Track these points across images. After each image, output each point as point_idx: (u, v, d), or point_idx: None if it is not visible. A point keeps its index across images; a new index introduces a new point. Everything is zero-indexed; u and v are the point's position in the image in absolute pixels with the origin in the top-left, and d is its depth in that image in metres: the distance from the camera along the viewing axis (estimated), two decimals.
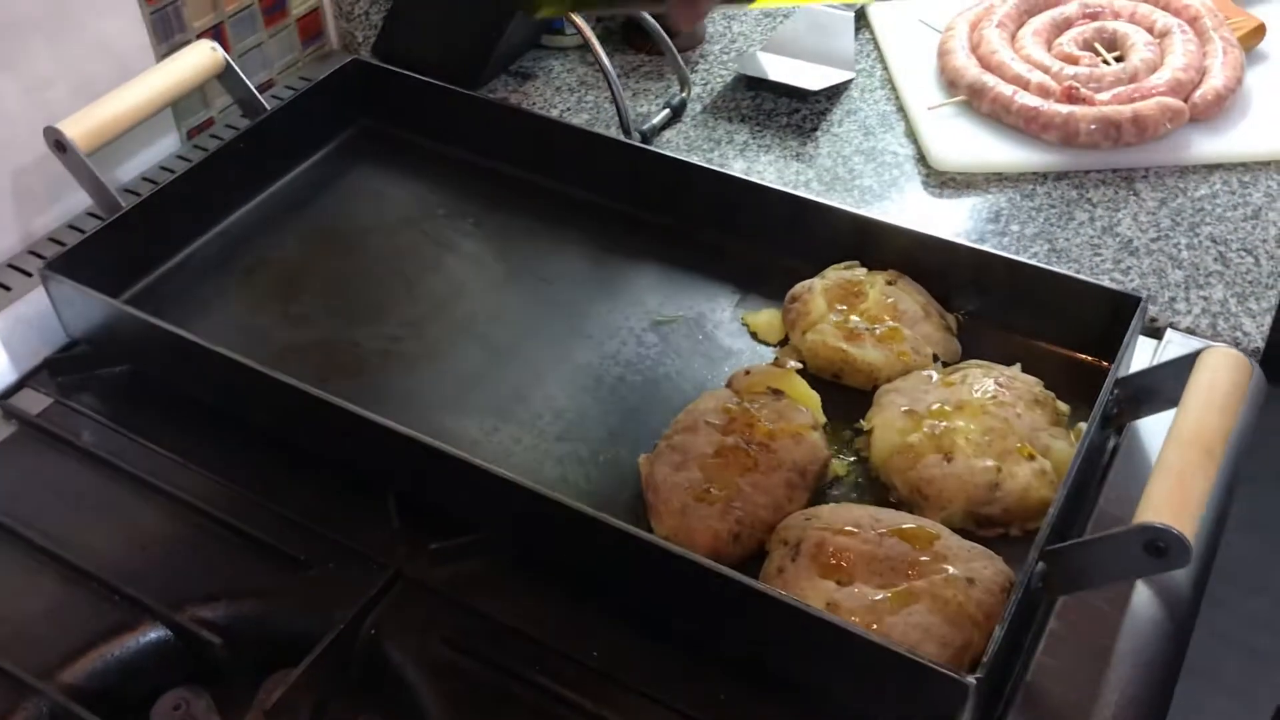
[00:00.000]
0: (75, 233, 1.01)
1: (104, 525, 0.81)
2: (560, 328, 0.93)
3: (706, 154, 1.13)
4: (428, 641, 0.74)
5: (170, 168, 1.09)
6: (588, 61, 1.26)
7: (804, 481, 0.77)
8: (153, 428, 0.87)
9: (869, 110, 1.18)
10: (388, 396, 0.87)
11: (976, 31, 1.19)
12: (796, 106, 1.18)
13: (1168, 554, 0.62)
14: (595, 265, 0.99)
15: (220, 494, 0.82)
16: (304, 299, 0.96)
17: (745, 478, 0.76)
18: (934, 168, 1.10)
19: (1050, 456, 0.78)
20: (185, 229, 0.99)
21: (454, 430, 0.85)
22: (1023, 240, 1.02)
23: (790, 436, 0.78)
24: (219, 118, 1.15)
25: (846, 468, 0.82)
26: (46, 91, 0.97)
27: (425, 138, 1.11)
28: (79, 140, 0.92)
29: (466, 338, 0.92)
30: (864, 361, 0.85)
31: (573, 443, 0.84)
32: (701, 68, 1.25)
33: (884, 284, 0.89)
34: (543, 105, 1.19)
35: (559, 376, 0.89)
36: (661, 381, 0.89)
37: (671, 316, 0.94)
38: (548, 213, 1.04)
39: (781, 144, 1.14)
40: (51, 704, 0.71)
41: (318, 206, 1.05)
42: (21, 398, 0.90)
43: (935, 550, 0.71)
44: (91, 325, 0.90)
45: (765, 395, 0.81)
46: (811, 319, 0.88)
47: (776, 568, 0.72)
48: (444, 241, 1.01)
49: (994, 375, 0.82)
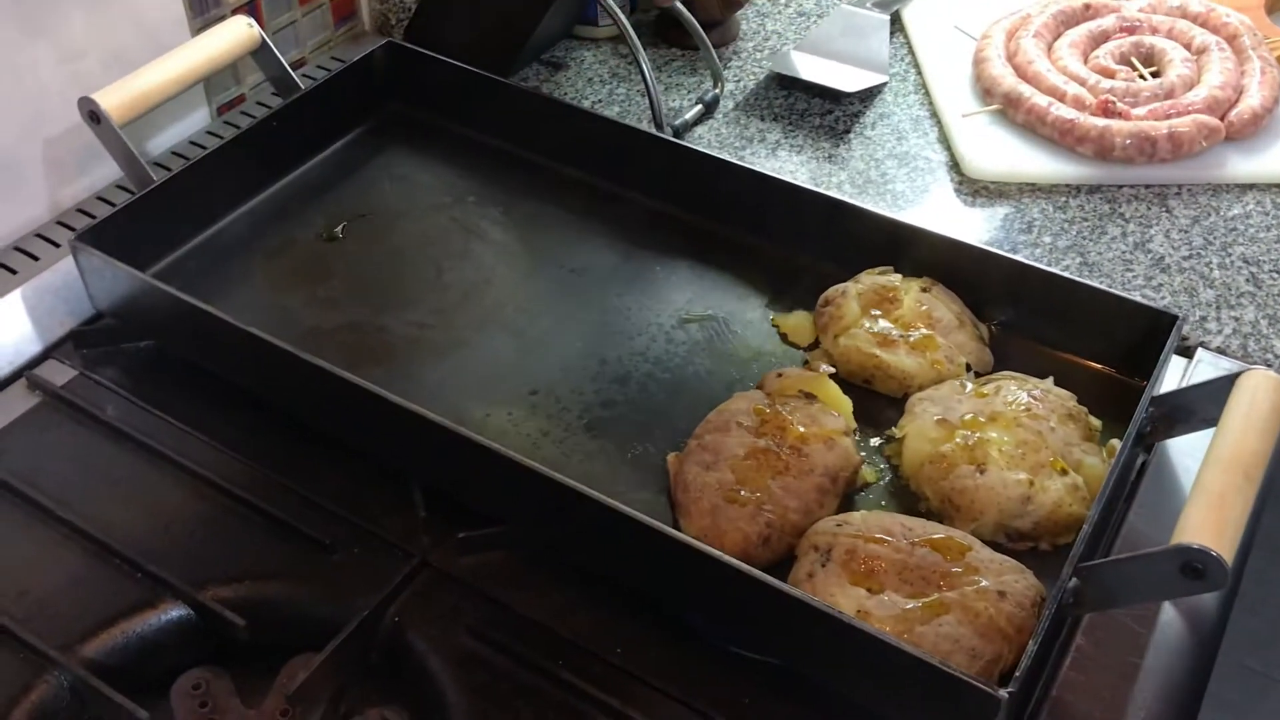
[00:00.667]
0: (103, 204, 1.01)
1: (127, 501, 0.81)
2: (589, 321, 0.93)
3: (738, 151, 1.12)
4: (451, 631, 0.74)
5: (200, 143, 1.08)
6: (620, 54, 1.25)
7: (835, 487, 0.77)
8: (178, 404, 0.87)
9: (902, 114, 1.17)
10: (415, 384, 0.87)
11: (1013, 40, 1.18)
12: (829, 108, 1.18)
13: (1205, 576, 0.62)
14: (624, 259, 0.99)
15: (245, 474, 0.82)
16: (332, 282, 0.95)
17: (776, 480, 0.75)
18: (967, 175, 1.09)
19: (1082, 471, 0.78)
20: (215, 206, 0.98)
21: (481, 420, 0.84)
22: (1055, 252, 1.01)
23: (822, 441, 0.77)
24: (250, 94, 1.14)
25: (877, 474, 0.81)
26: (80, 62, 0.97)
27: (457, 123, 1.10)
28: (113, 112, 0.91)
29: (495, 327, 0.92)
30: (897, 368, 0.85)
31: (600, 438, 0.84)
32: (735, 64, 1.24)
33: (919, 291, 0.89)
34: (574, 96, 1.19)
35: (587, 370, 0.88)
36: (690, 380, 0.88)
37: (701, 315, 0.93)
38: (577, 204, 1.03)
39: (814, 145, 1.13)
40: (72, 678, 0.71)
41: (347, 189, 1.04)
42: (46, 369, 0.90)
43: (967, 562, 0.71)
44: (119, 298, 0.89)
45: (797, 398, 0.81)
46: (845, 323, 0.87)
47: (806, 573, 0.71)
48: (473, 229, 1.01)
49: (1027, 388, 0.82)
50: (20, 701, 0.70)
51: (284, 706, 0.72)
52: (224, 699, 0.72)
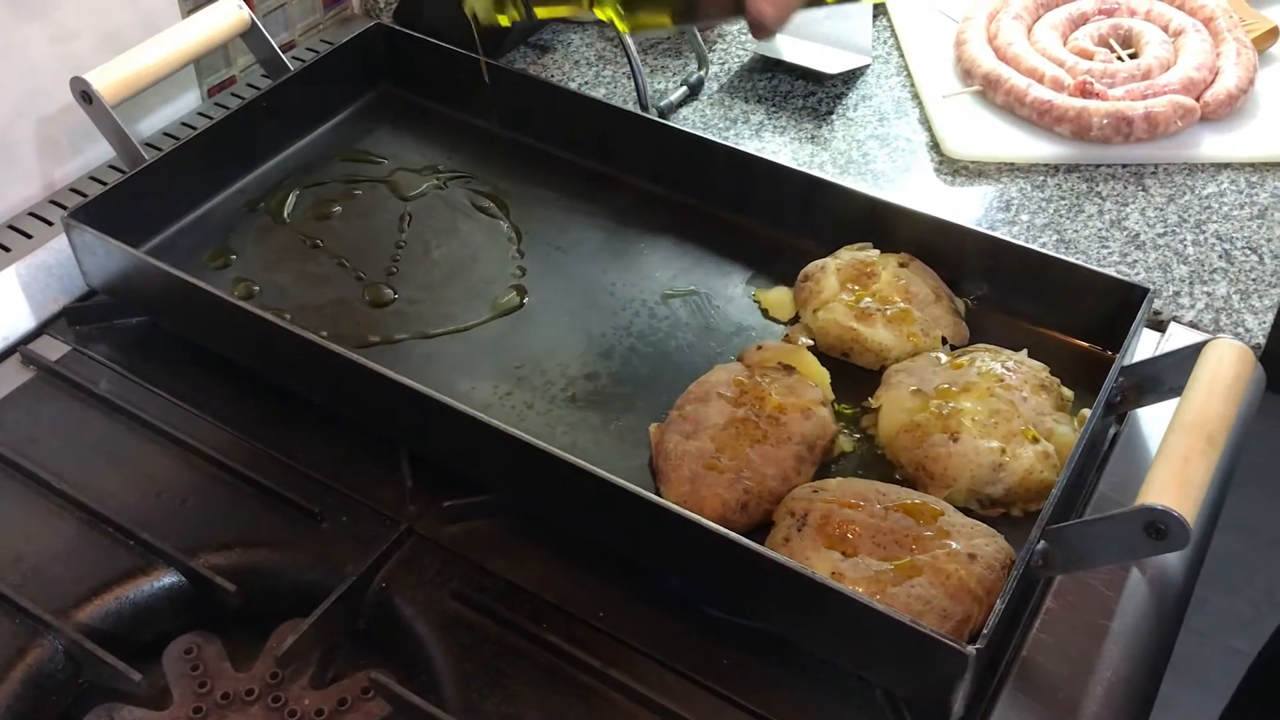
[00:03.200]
0: (96, 184, 1.02)
1: (120, 472, 0.82)
2: (574, 297, 0.94)
3: (722, 133, 1.14)
4: (436, 596, 0.76)
5: (191, 124, 1.10)
6: (606, 36, 1.26)
7: (812, 455, 0.78)
8: (169, 379, 0.88)
9: (884, 96, 1.19)
10: (403, 358, 0.89)
11: (994, 23, 1.20)
12: (812, 90, 1.19)
13: (1168, 535, 0.64)
14: (610, 237, 1.00)
15: (236, 446, 0.84)
16: (321, 259, 0.97)
17: (755, 449, 0.77)
18: (947, 155, 1.11)
19: (1054, 440, 0.79)
20: (205, 185, 1.00)
21: (467, 393, 0.86)
22: (1032, 230, 1.03)
23: (800, 411, 0.79)
24: (240, 76, 1.15)
25: (853, 444, 0.83)
26: (73, 43, 0.98)
27: (445, 105, 1.12)
28: (105, 92, 0.93)
29: (481, 303, 0.94)
30: (874, 341, 0.87)
31: (584, 410, 0.85)
32: (719, 47, 1.26)
33: (896, 266, 0.91)
34: (561, 78, 1.20)
35: (573, 344, 0.90)
36: (673, 354, 0.90)
37: (684, 290, 0.95)
38: (564, 184, 1.05)
39: (797, 126, 1.15)
40: (67, 642, 0.72)
41: (336, 169, 1.06)
42: (40, 344, 0.91)
43: (939, 526, 0.73)
44: (111, 275, 0.91)
45: (776, 370, 0.83)
46: (823, 297, 0.89)
47: (783, 537, 0.73)
48: (460, 208, 1.03)
49: (1001, 359, 0.84)
50: (16, 665, 0.71)
51: (274, 670, 0.74)
52: (215, 663, 0.74)
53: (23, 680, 0.71)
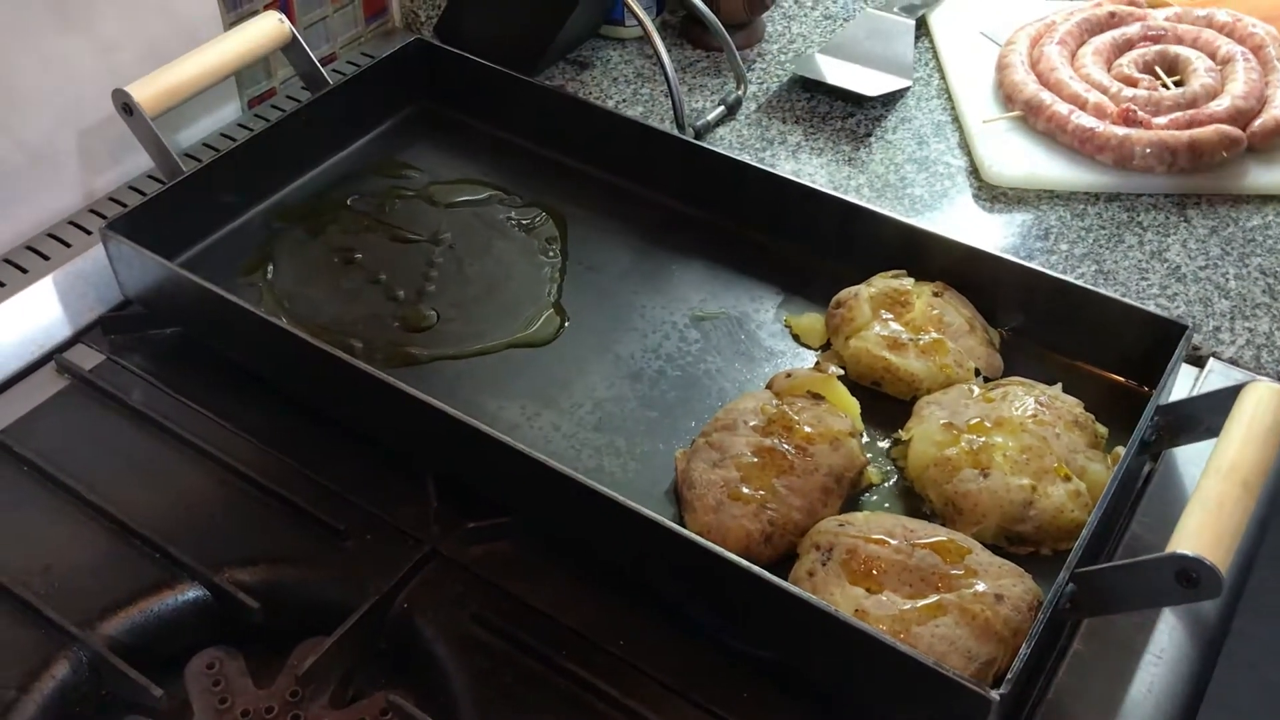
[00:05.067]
0: (135, 194, 1.03)
1: (149, 484, 0.83)
2: (604, 318, 0.94)
3: (759, 153, 1.13)
4: (458, 618, 0.76)
5: (231, 135, 1.11)
6: (646, 54, 1.26)
7: (839, 487, 0.78)
8: (201, 391, 0.89)
9: (924, 119, 1.18)
10: (432, 376, 0.89)
11: (1037, 47, 1.19)
12: (851, 111, 1.19)
13: (1199, 585, 0.63)
14: (641, 257, 1.00)
15: (264, 461, 0.84)
16: (354, 274, 0.97)
17: (781, 479, 0.76)
18: (986, 181, 1.10)
19: (1086, 478, 0.78)
20: (242, 197, 1.01)
21: (495, 413, 0.86)
22: (1071, 260, 1.02)
23: (828, 441, 0.78)
24: (280, 89, 1.16)
25: (881, 476, 0.82)
26: (115, 55, 0.99)
27: (482, 121, 1.12)
28: (145, 104, 0.93)
29: (512, 322, 0.94)
30: (906, 371, 0.86)
31: (610, 433, 0.85)
32: (759, 66, 1.25)
33: (930, 295, 0.90)
34: (599, 95, 1.20)
35: (601, 366, 0.90)
36: (701, 378, 0.89)
37: (714, 313, 0.95)
38: (598, 202, 1.05)
39: (834, 148, 1.14)
40: (91, 654, 0.73)
41: (372, 183, 1.06)
42: (75, 353, 0.92)
43: (966, 564, 0.72)
44: (146, 286, 0.91)
45: (805, 399, 0.82)
46: (856, 325, 0.88)
47: (807, 571, 0.72)
48: (494, 225, 1.03)
49: (1035, 394, 0.83)
50: (41, 675, 0.72)
51: (294, 687, 0.74)
52: (236, 679, 0.74)
53: (47, 691, 0.72)
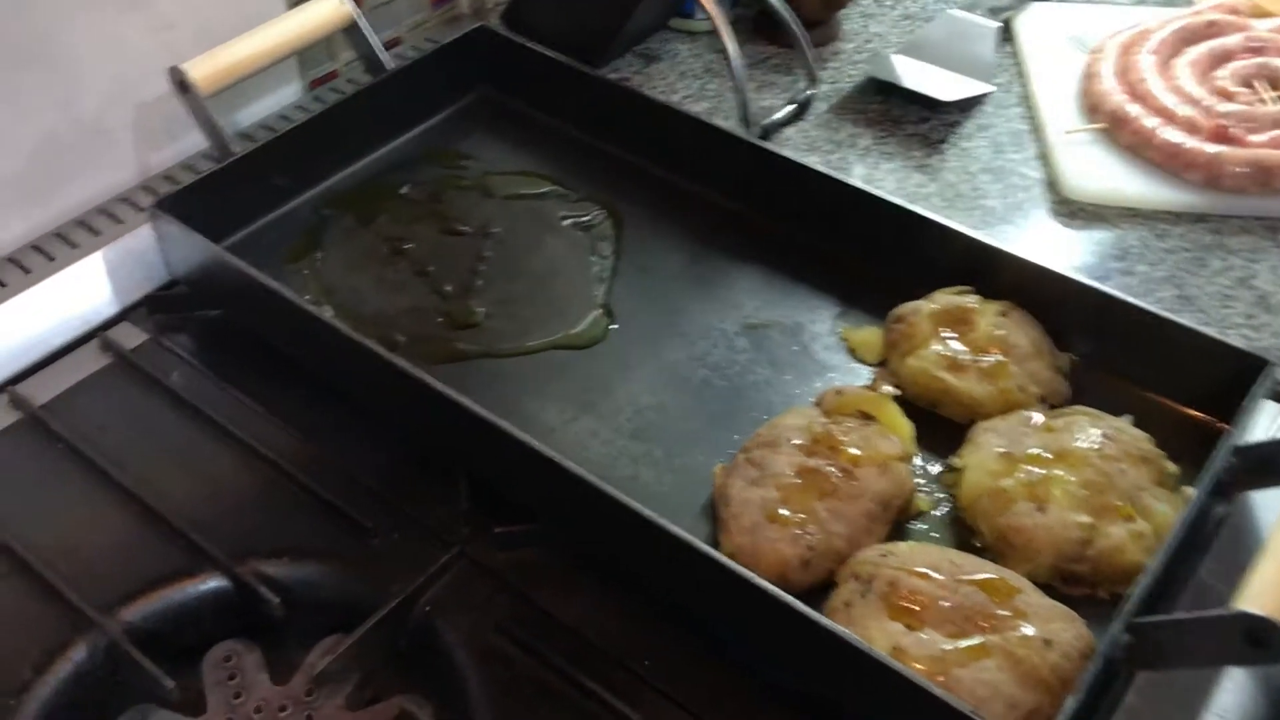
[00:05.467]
0: (189, 172, 1.02)
1: (180, 468, 0.82)
2: (652, 320, 0.91)
3: (827, 155, 1.09)
4: (480, 626, 0.73)
5: (289, 117, 1.09)
6: (716, 48, 1.22)
7: (884, 514, 0.74)
8: (239, 375, 0.88)
9: (1002, 127, 1.13)
10: (472, 373, 0.86)
11: (1127, 56, 1.13)
12: (926, 115, 1.14)
13: (1268, 648, 0.58)
14: (694, 259, 0.97)
15: (297, 450, 0.83)
16: (401, 265, 0.95)
17: (823, 503, 0.73)
18: (1064, 195, 1.04)
19: (1150, 519, 0.73)
20: (294, 181, 0.99)
21: (533, 415, 0.84)
22: (1149, 283, 0.96)
23: (876, 465, 0.74)
24: (344, 70, 1.15)
25: (932, 504, 0.78)
26: (172, 31, 0.98)
27: (543, 112, 1.09)
28: (201, 82, 0.92)
29: (556, 321, 0.91)
30: (965, 394, 0.81)
31: (649, 442, 0.82)
32: (832, 65, 1.21)
33: (996, 314, 0.85)
34: (664, 89, 1.17)
35: (644, 371, 0.87)
36: (748, 389, 0.86)
37: (767, 322, 0.91)
38: (655, 200, 1.02)
39: (906, 153, 1.10)
40: (109, 641, 0.72)
41: (427, 172, 1.04)
42: (120, 331, 0.91)
43: (1015, 605, 0.67)
44: (191, 267, 0.91)
45: (855, 419, 0.78)
46: (914, 343, 0.84)
47: (844, 601, 0.69)
48: (547, 220, 1.00)
49: (1101, 425, 0.78)
50: (57, 658, 0.71)
51: (310, 686, 0.72)
52: (252, 673, 0.73)
53: (63, 674, 0.71)
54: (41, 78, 0.91)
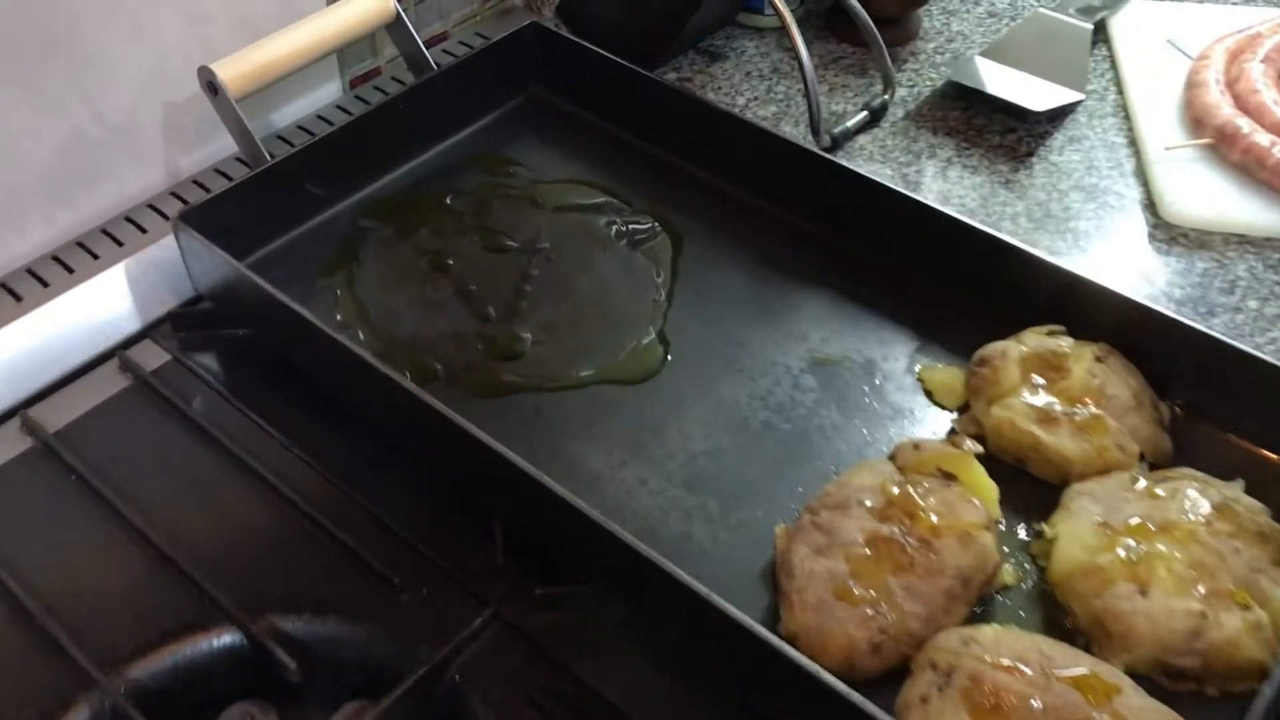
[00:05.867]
0: (220, 178, 0.96)
1: (198, 507, 0.76)
2: (709, 353, 0.84)
3: (903, 167, 1.01)
4: (514, 700, 0.67)
5: (328, 118, 1.03)
6: (785, 46, 1.14)
7: (966, 593, 0.66)
8: (265, 402, 0.82)
9: (1095, 140, 1.04)
10: (511, 410, 0.80)
11: (1236, 64, 1.03)
12: (1013, 125, 1.05)
13: None
14: (757, 283, 0.89)
15: (321, 491, 0.76)
16: (442, 283, 0.88)
17: (898, 578, 0.65)
18: (1164, 219, 0.95)
19: (1270, 607, 0.65)
20: (330, 190, 0.93)
21: (577, 458, 0.77)
22: (1260, 321, 0.87)
23: (958, 536, 0.67)
24: (387, 68, 1.08)
25: (1017, 576, 0.70)
26: (207, 26, 0.92)
27: (597, 116, 1.02)
28: (231, 84, 0.86)
29: (604, 351, 0.84)
30: (1056, 452, 0.73)
31: (703, 494, 0.75)
32: (909, 67, 1.12)
33: (1092, 360, 0.77)
34: (728, 91, 1.09)
35: (700, 411, 0.80)
36: (814, 435, 0.78)
37: (835, 357, 0.83)
38: (715, 216, 0.94)
39: (990, 166, 1.01)
40: (113, 701, 0.66)
41: (472, 180, 0.97)
42: (141, 350, 0.86)
43: (1114, 708, 0.59)
44: (216, 283, 0.85)
45: (934, 478, 0.70)
46: (1001, 390, 0.76)
47: (920, 695, 0.61)
48: (598, 236, 0.93)
49: (1210, 493, 0.69)
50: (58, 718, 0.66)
51: None
52: None
53: None
54: (67, 71, 0.85)
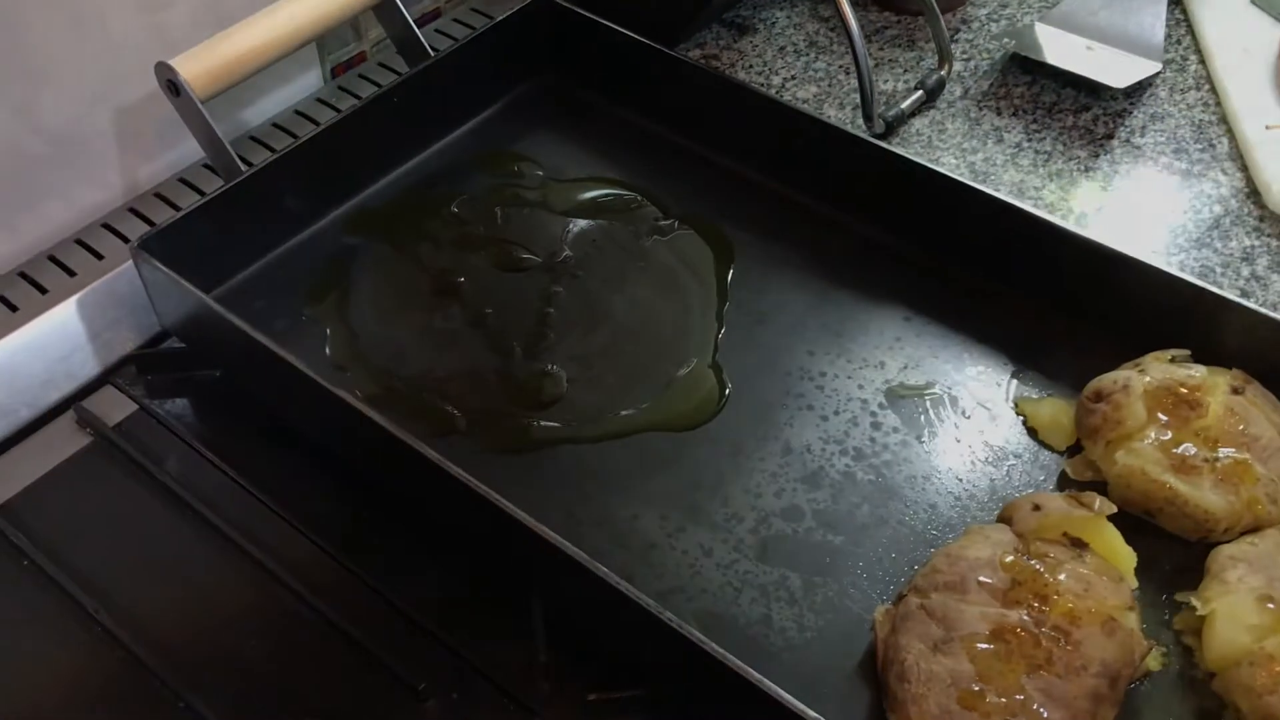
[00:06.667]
0: (185, 189, 0.83)
1: (177, 597, 0.64)
2: (771, 388, 0.72)
3: (968, 156, 0.89)
4: None
5: (307, 113, 0.89)
6: (821, 16, 1.01)
7: (1113, 693, 0.55)
8: (250, 459, 0.69)
9: (1180, 118, 0.92)
10: (546, 463, 0.67)
11: None
12: (1086, 102, 0.93)
13: None
14: (821, 301, 0.77)
15: (325, 573, 0.64)
16: (453, 309, 0.76)
17: (1034, 679, 0.54)
18: (1271, 209, 0.84)
19: None
20: (314, 201, 0.80)
21: (626, 524, 0.65)
22: None
23: (1101, 623, 0.55)
24: (371, 53, 0.94)
25: (1162, 661, 0.59)
26: (163, 14, 0.78)
27: (619, 104, 0.89)
28: (195, 82, 0.73)
29: (649, 388, 0.72)
30: (1199, 507, 0.62)
31: (780, 565, 0.63)
32: (962, 37, 1.00)
33: (1228, 391, 0.65)
34: (761, 69, 0.96)
35: (765, 461, 0.68)
36: (903, 487, 0.67)
37: (918, 388, 0.72)
38: (763, 220, 0.82)
39: (1065, 152, 0.89)
40: None
41: (479, 185, 0.84)
42: (101, 399, 0.73)
43: None
44: (184, 318, 0.72)
45: (1061, 546, 0.59)
46: (1125, 430, 0.64)
47: None
48: (631, 247, 0.80)
49: None
50: None
51: None
52: None
53: None
54: None
